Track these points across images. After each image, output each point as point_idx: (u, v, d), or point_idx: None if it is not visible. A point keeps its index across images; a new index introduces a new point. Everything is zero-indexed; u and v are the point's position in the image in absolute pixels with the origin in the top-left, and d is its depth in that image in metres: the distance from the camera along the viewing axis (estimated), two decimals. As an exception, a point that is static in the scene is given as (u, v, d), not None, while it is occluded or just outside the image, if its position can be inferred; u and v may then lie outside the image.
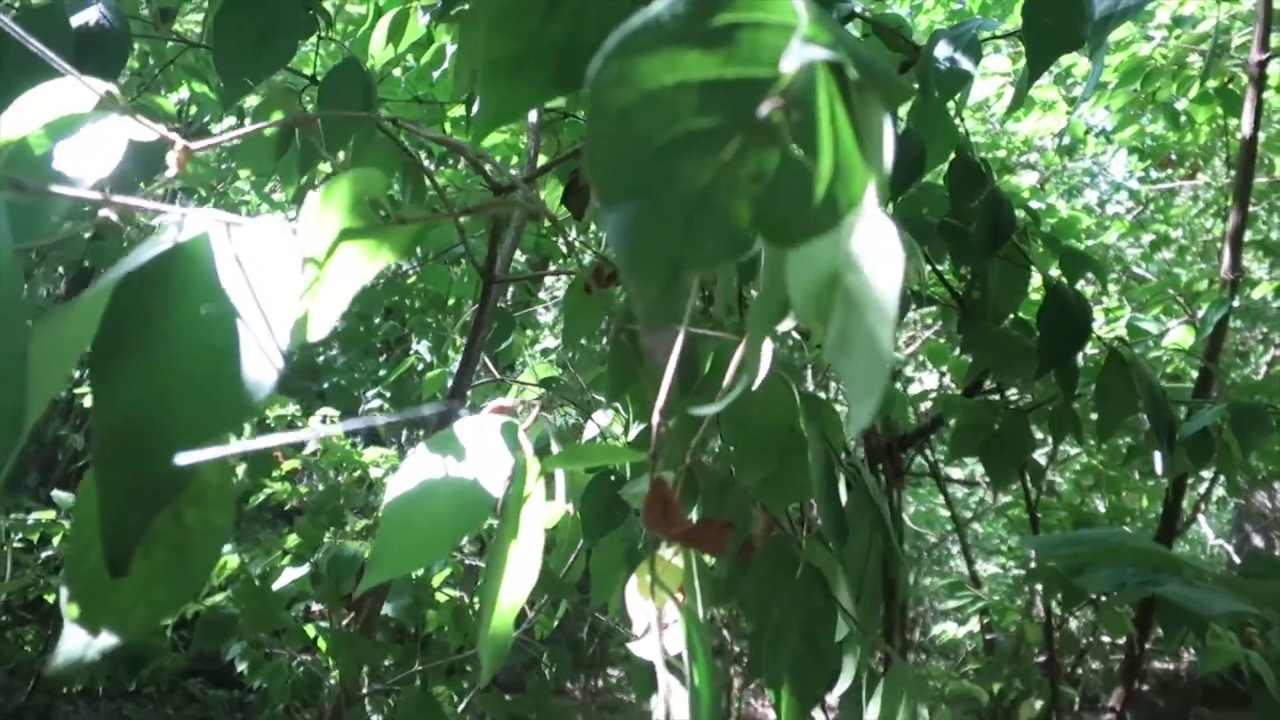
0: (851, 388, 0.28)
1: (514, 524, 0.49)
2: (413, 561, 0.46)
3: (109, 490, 0.37)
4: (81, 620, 0.39)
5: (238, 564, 2.36)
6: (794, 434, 0.67)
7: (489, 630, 0.48)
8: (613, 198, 0.27)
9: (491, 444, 0.49)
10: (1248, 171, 1.87)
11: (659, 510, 0.48)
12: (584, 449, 0.51)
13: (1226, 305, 1.87)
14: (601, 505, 1.29)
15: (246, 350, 0.38)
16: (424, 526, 0.46)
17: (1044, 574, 1.94)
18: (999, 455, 1.57)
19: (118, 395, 0.38)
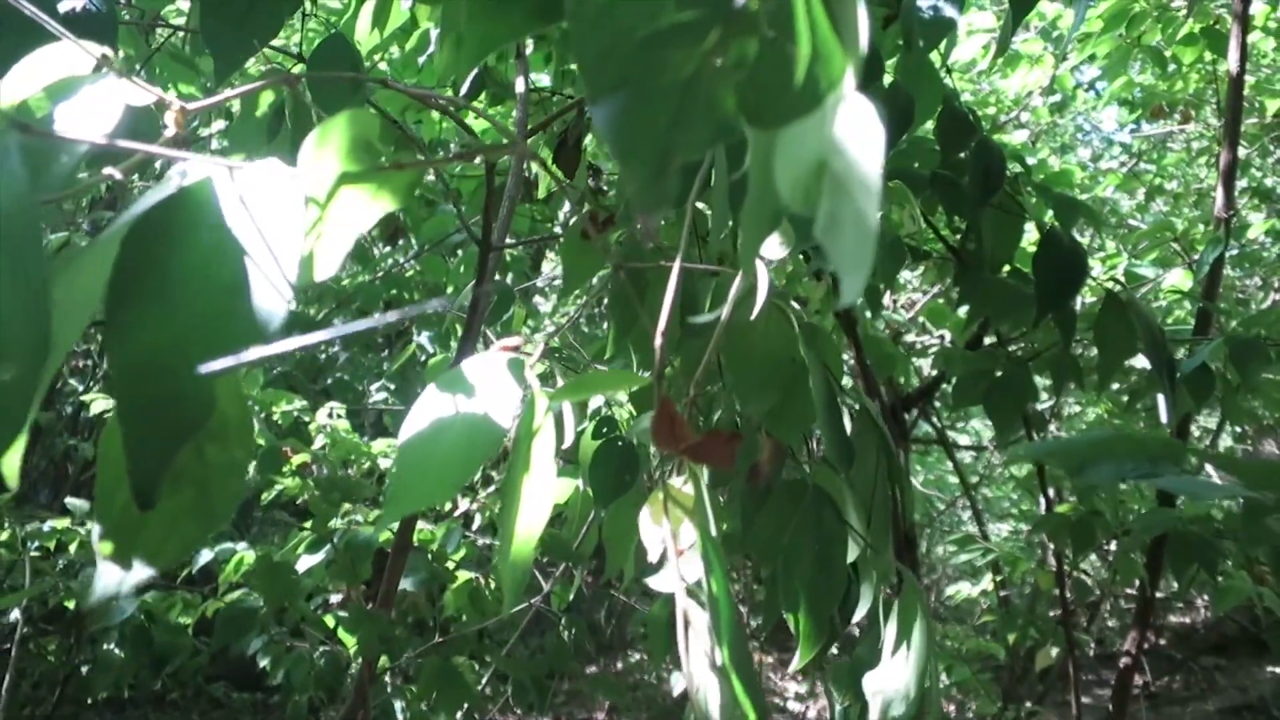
0: (841, 265, 0.29)
1: (525, 457, 0.50)
2: (429, 496, 0.47)
3: (132, 429, 0.38)
4: (114, 556, 0.41)
5: (254, 559, 2.38)
6: (795, 364, 0.68)
7: (508, 558, 0.49)
8: (599, 90, 0.28)
9: (499, 379, 0.50)
10: (1236, 110, 1.88)
11: (666, 427, 0.49)
12: (589, 378, 0.52)
13: (1222, 244, 1.88)
14: (611, 470, 1.31)
15: (256, 285, 0.39)
16: (438, 461, 0.47)
17: (1054, 521, 1.96)
18: (1002, 402, 1.58)
19: (132, 338, 0.39)
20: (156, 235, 0.40)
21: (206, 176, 0.41)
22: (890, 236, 1.29)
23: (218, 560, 2.42)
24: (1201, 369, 1.61)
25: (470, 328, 1.10)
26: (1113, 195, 4.07)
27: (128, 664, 2.63)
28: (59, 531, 2.52)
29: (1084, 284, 1.48)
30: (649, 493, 0.64)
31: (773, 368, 0.69)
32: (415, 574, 1.76)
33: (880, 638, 0.69)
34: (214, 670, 5.16)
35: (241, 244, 0.40)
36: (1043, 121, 3.49)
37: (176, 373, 0.38)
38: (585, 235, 0.73)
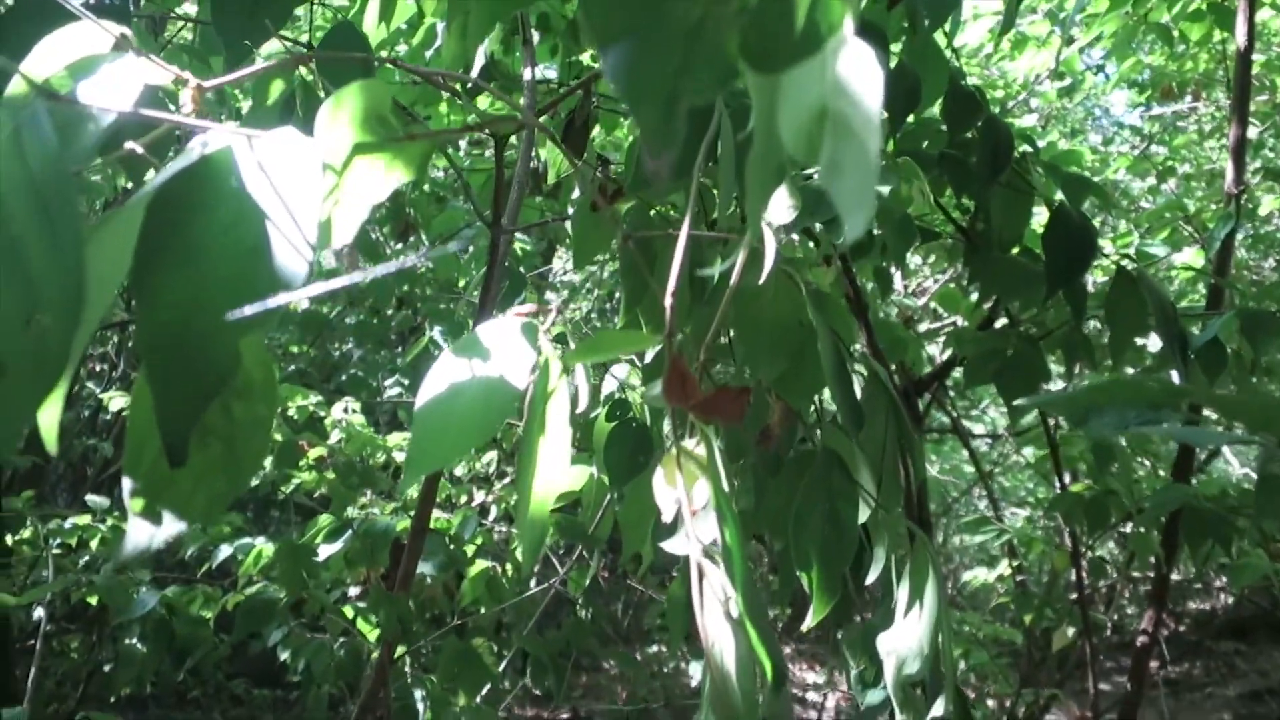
0: (843, 205, 0.30)
1: (541, 419, 0.51)
2: (447, 456, 0.48)
3: (161, 387, 0.39)
4: (144, 512, 0.42)
5: (272, 553, 2.40)
6: (803, 329, 0.69)
7: (526, 519, 0.50)
8: (608, 38, 0.29)
9: (514, 342, 0.51)
10: (1245, 84, 1.87)
11: (677, 384, 0.50)
12: (602, 337, 0.52)
13: (1233, 219, 1.87)
14: (626, 451, 1.32)
15: (277, 248, 0.40)
16: (455, 422, 0.48)
17: (1068, 500, 1.96)
18: (1014, 382, 1.59)
19: (159, 301, 0.40)
20: (180, 202, 0.41)
21: (227, 145, 0.42)
22: (899, 214, 1.29)
23: (236, 556, 2.45)
24: (1213, 344, 1.61)
25: (482, 313, 1.11)
26: (1124, 178, 4.05)
27: (150, 658, 2.65)
28: (80, 528, 2.55)
29: (1094, 260, 1.48)
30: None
31: (781, 333, 0.69)
32: (433, 557, 1.77)
33: (893, 600, 0.70)
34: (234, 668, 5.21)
35: (262, 208, 0.41)
36: (1052, 105, 3.48)
37: (203, 332, 0.40)
38: (594, 207, 0.73)
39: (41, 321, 0.32)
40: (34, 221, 0.32)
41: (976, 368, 1.58)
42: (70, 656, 3.71)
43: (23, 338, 0.32)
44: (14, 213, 0.32)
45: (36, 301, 0.32)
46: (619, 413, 1.35)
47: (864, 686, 0.88)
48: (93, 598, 2.62)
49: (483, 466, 3.01)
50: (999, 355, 1.59)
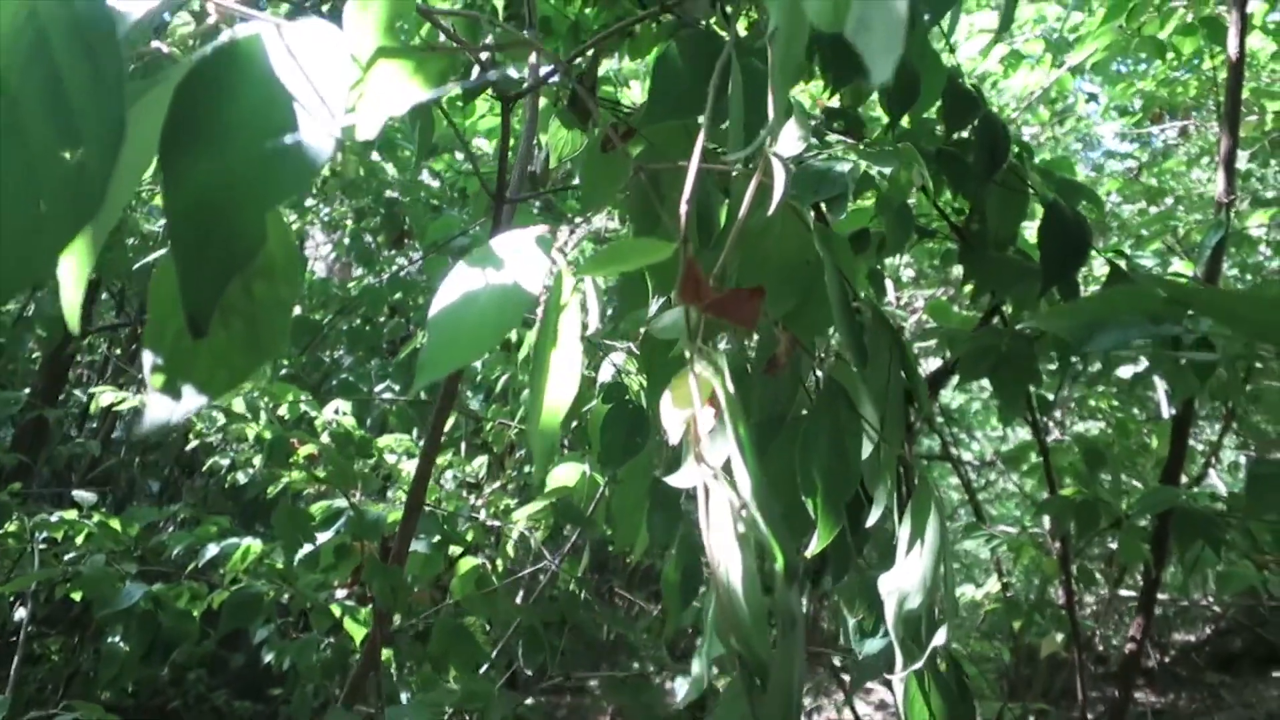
0: (872, 55, 0.31)
1: (553, 331, 0.52)
2: (461, 357, 0.49)
3: (187, 262, 0.40)
4: (165, 388, 0.42)
5: (260, 550, 2.39)
6: (810, 266, 0.70)
7: (538, 427, 0.50)
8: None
9: (528, 252, 0.51)
10: (1236, 95, 1.90)
11: (691, 285, 0.51)
12: (615, 248, 0.53)
13: (1223, 228, 1.90)
14: (621, 432, 1.32)
15: (305, 126, 0.41)
16: (469, 326, 0.49)
17: (1058, 503, 1.97)
18: (1008, 378, 1.60)
19: (187, 178, 0.41)
20: (209, 84, 0.42)
21: (256, 32, 0.43)
22: (898, 202, 1.31)
23: (224, 554, 2.43)
24: (1203, 344, 1.62)
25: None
26: (1115, 200, 4.10)
27: (132, 655, 2.63)
28: (66, 522, 2.53)
29: (1088, 256, 1.50)
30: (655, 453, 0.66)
31: (788, 271, 0.70)
32: (427, 536, 1.77)
33: (892, 543, 0.70)
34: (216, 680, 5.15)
35: (290, 92, 0.42)
36: (1044, 125, 3.53)
37: (229, 210, 0.40)
38: (605, 147, 0.74)
39: (81, 155, 0.32)
40: (76, 57, 0.33)
41: (971, 364, 1.59)
42: (51, 659, 3.67)
43: (62, 169, 0.32)
44: (56, 46, 0.33)
45: (77, 135, 0.33)
46: (615, 394, 1.35)
47: (862, 636, 0.88)
48: (76, 594, 2.60)
49: (473, 470, 3.01)
50: (993, 352, 1.60)
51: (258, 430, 2.64)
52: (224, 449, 2.94)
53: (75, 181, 0.33)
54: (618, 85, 2.91)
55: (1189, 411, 2.01)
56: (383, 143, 3.91)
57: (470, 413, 2.79)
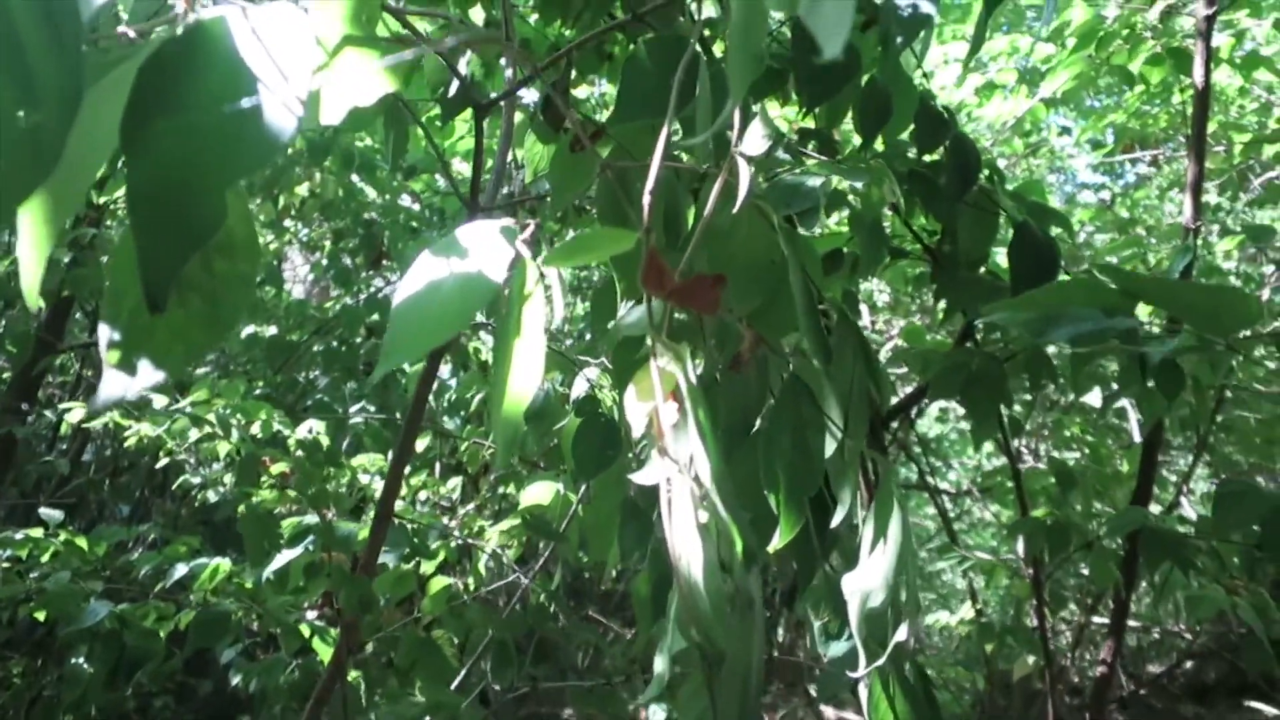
0: (822, 31, 0.32)
1: (517, 320, 0.52)
2: (424, 344, 0.49)
3: (146, 237, 0.40)
4: (121, 363, 0.42)
5: (229, 569, 2.36)
6: (776, 267, 0.70)
7: (500, 415, 0.50)
8: None
9: (492, 241, 0.52)
10: (1202, 122, 1.94)
11: (654, 273, 0.51)
12: (580, 239, 0.53)
13: (1190, 253, 1.92)
14: (594, 445, 1.32)
15: (268, 105, 0.41)
16: (433, 313, 0.49)
17: (1029, 525, 1.98)
18: (980, 396, 1.61)
19: (149, 153, 0.41)
20: (173, 62, 0.42)
21: (221, 14, 0.43)
22: (870, 219, 1.32)
23: (193, 576, 2.40)
24: (1171, 366, 1.64)
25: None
26: (1088, 230, 4.15)
27: (97, 676, 2.58)
28: (32, 540, 2.49)
29: (1058, 275, 1.52)
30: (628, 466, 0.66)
31: (754, 271, 0.71)
32: (396, 548, 1.75)
33: (856, 544, 0.70)
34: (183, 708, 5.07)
35: (254, 70, 0.42)
36: (1018, 155, 3.58)
37: (191, 186, 0.40)
38: (574, 148, 0.75)
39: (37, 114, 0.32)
40: (36, 21, 0.33)
41: (942, 382, 1.61)
42: (13, 683, 3.60)
43: (19, 128, 0.32)
44: (16, 10, 0.33)
45: (34, 96, 0.33)
46: (588, 408, 1.35)
47: (827, 639, 0.88)
48: (40, 613, 2.55)
49: (447, 492, 2.99)
50: (964, 370, 1.62)
51: (230, 448, 2.62)
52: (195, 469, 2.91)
53: (33, 141, 0.33)
54: (599, 109, 2.93)
55: (1158, 434, 2.03)
56: (361, 164, 3.92)
57: (445, 432, 2.77)
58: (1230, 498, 1.58)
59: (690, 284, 0.52)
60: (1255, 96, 3.77)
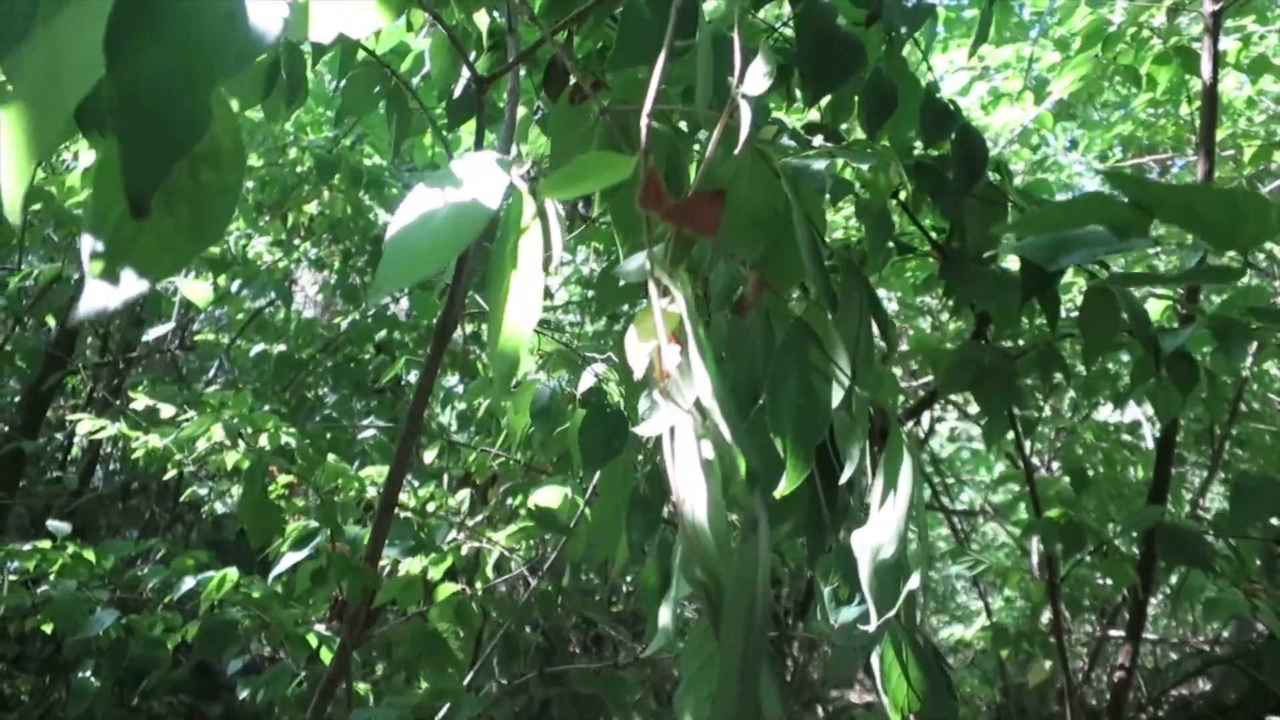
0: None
1: (513, 254, 0.51)
2: (417, 271, 0.48)
3: (130, 144, 0.39)
4: (104, 273, 0.41)
5: (236, 579, 2.35)
6: (779, 215, 0.69)
7: (497, 348, 0.49)
8: None
9: (487, 170, 0.51)
10: (1211, 119, 1.93)
11: (652, 192, 0.50)
12: (577, 166, 0.52)
13: (1203, 248, 1.91)
14: (600, 435, 1.30)
15: (253, 7, 0.40)
16: (426, 240, 0.48)
17: (1044, 525, 1.95)
18: (991, 390, 1.59)
19: (132, 60, 0.40)
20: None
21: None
22: (877, 207, 1.31)
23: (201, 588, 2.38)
24: (1184, 358, 1.62)
25: (458, 281, 1.11)
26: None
27: (104, 688, 2.57)
28: (40, 551, 2.48)
29: (1067, 269, 1.50)
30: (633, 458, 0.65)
31: (757, 219, 0.70)
32: (402, 541, 1.74)
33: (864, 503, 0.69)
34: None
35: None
36: (1025, 162, 3.57)
37: (175, 93, 0.39)
38: (574, 99, 0.74)
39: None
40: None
41: (954, 375, 1.59)
42: (22, 701, 3.59)
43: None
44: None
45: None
46: (595, 399, 1.34)
47: (838, 604, 0.86)
48: (47, 626, 2.54)
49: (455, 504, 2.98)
50: (974, 365, 1.60)
51: (238, 458, 2.61)
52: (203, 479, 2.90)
53: None
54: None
55: (1173, 433, 2.01)
56: (369, 181, 3.93)
57: (454, 442, 2.76)
58: (1248, 491, 1.55)
59: (689, 202, 0.51)
60: (1263, 109, 3.76)
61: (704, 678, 0.54)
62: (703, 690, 0.54)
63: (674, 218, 0.51)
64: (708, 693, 0.54)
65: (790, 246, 0.67)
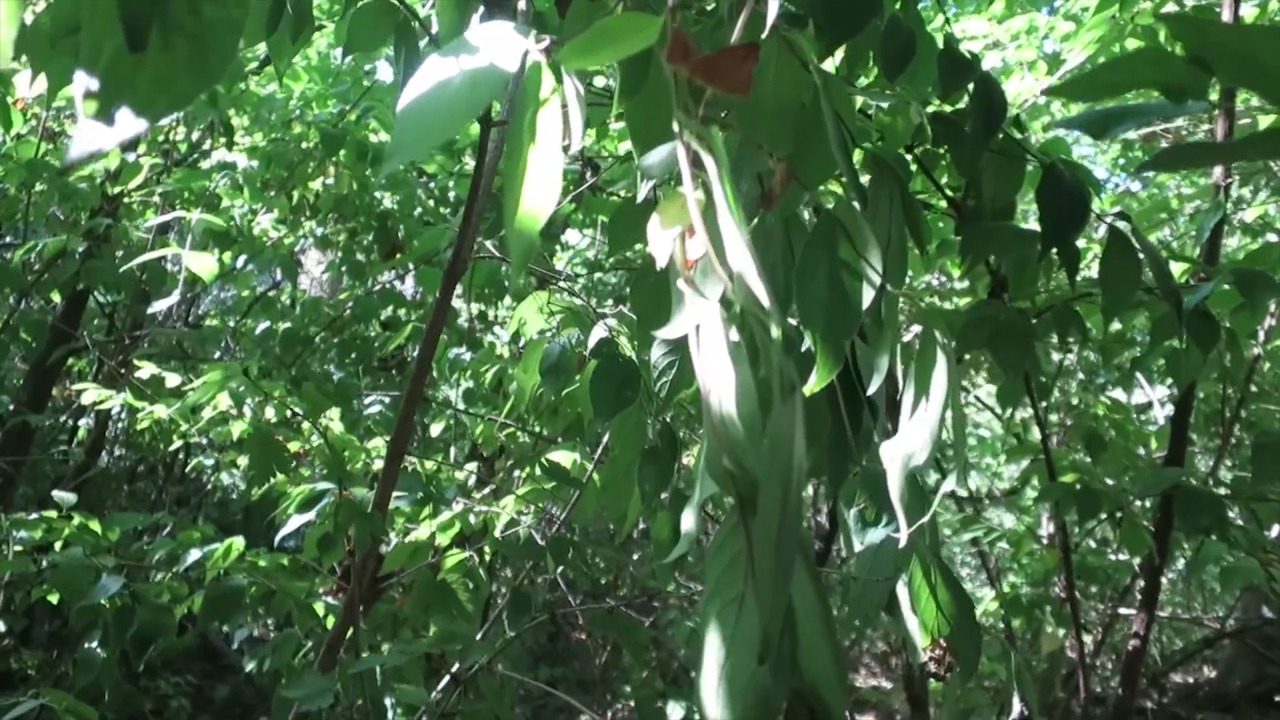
0: None
1: (531, 127, 0.48)
2: (432, 137, 0.45)
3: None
4: (99, 112, 0.39)
5: (241, 548, 2.33)
6: (807, 110, 0.66)
7: (514, 226, 0.47)
8: None
9: (504, 36, 0.48)
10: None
11: (679, 48, 0.47)
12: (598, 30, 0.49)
13: (1221, 209, 1.88)
14: (612, 385, 1.28)
15: None
16: (441, 106, 0.45)
17: (1059, 489, 1.92)
18: (1008, 346, 1.56)
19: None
20: None
21: None
22: (893, 156, 1.28)
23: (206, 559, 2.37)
24: (1205, 317, 1.59)
25: (470, 212, 1.08)
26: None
27: (109, 661, 2.55)
28: (46, 520, 2.47)
29: (1088, 219, 1.47)
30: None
31: (784, 114, 0.67)
32: (410, 491, 1.72)
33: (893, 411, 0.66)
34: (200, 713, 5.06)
35: None
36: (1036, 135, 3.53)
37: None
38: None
39: None
40: None
41: (969, 334, 1.56)
42: (29, 675, 3.59)
43: None
44: None
45: None
46: (607, 350, 1.32)
47: (863, 526, 0.83)
48: (54, 596, 2.52)
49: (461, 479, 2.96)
50: (989, 322, 1.57)
51: (244, 429, 2.59)
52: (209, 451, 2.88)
53: None
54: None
55: (1190, 398, 1.98)
56: (375, 156, 3.91)
57: (460, 410, 2.74)
58: (1269, 449, 1.53)
59: (720, 56, 0.48)
60: None
61: (730, 580, 0.51)
62: (729, 593, 0.51)
63: (703, 73, 0.49)
64: (734, 595, 0.51)
65: (819, 141, 0.64)
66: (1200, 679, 6.78)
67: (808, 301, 0.64)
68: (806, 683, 0.45)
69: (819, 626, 0.45)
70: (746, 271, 0.44)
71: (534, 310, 1.63)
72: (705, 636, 0.51)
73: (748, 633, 0.49)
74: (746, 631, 0.49)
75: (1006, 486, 6.22)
